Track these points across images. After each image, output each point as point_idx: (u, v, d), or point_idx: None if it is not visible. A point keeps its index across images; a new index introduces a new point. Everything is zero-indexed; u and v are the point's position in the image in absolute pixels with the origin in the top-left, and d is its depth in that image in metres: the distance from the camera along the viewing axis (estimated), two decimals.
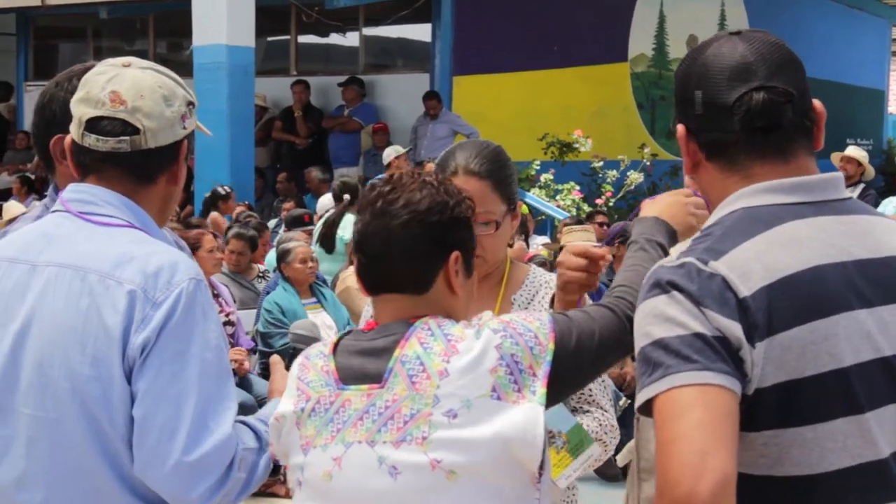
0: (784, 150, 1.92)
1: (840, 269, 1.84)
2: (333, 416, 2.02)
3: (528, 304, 2.67)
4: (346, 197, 9.42)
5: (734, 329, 1.76)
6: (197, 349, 2.09)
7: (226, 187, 11.08)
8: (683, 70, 1.98)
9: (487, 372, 1.95)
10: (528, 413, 1.94)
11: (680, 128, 1.97)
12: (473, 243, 2.14)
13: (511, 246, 2.78)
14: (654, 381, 1.77)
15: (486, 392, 1.94)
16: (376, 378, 2.00)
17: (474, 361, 1.96)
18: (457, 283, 2.08)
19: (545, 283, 2.71)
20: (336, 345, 2.09)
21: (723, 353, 1.75)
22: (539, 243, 9.92)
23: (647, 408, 1.79)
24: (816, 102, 1.98)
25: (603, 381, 2.64)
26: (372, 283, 2.11)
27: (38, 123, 2.51)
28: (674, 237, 2.27)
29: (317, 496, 2.03)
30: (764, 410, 1.78)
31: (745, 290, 1.78)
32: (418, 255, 2.06)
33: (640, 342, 1.83)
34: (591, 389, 2.60)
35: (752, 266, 1.80)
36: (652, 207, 2.33)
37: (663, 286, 1.82)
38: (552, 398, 2.00)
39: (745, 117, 1.89)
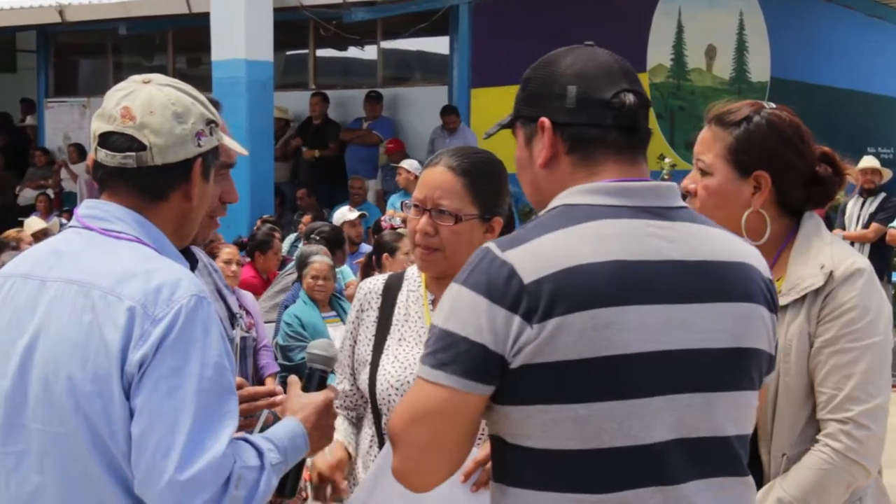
0: (635, 153, 2.05)
1: (641, 266, 1.92)
2: None
3: None
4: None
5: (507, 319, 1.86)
6: (195, 366, 2.07)
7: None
8: (541, 72, 2.08)
9: None
10: None
11: (545, 121, 2.04)
12: None
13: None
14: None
15: None
16: None
17: None
18: None
19: None
20: None
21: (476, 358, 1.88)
22: None
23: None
24: None
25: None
26: None
27: None
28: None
29: None
30: (536, 385, 1.88)
31: (530, 277, 1.87)
32: None
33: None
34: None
35: (542, 255, 1.89)
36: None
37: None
38: None
39: (618, 113, 2.00)
